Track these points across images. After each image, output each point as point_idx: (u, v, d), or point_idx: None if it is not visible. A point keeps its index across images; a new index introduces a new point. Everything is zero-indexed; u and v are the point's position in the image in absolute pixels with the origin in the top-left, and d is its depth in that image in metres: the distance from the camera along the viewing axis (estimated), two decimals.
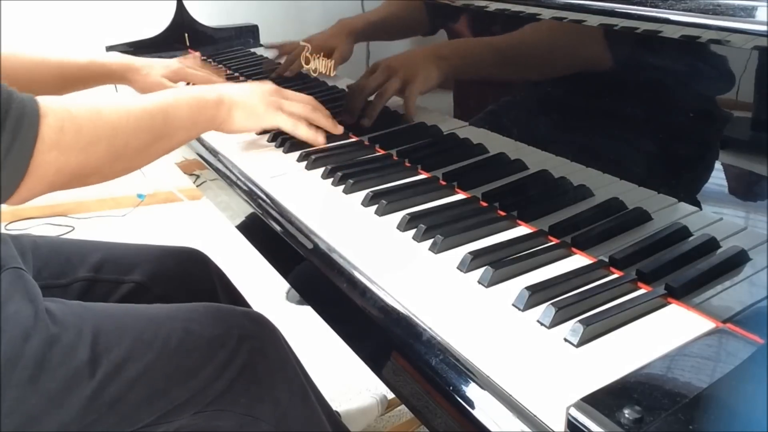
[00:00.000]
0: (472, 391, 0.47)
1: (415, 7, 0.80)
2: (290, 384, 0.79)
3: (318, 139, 0.86)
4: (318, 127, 0.87)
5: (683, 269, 0.54)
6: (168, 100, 0.72)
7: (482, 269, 0.57)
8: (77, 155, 0.59)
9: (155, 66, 1.08)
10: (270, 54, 1.20)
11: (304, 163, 0.85)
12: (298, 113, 0.84)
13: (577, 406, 0.40)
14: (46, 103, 0.57)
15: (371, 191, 0.73)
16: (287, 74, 1.11)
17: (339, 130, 0.89)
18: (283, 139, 0.91)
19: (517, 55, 0.69)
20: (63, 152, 0.58)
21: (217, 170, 0.91)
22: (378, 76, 0.86)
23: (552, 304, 0.50)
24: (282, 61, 1.14)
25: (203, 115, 0.76)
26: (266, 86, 0.86)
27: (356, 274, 0.61)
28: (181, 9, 1.48)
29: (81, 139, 0.59)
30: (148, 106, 0.69)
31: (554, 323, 0.50)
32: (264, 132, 0.95)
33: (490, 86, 0.74)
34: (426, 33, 0.81)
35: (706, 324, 0.49)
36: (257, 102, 0.82)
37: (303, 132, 0.84)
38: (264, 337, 0.78)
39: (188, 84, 1.11)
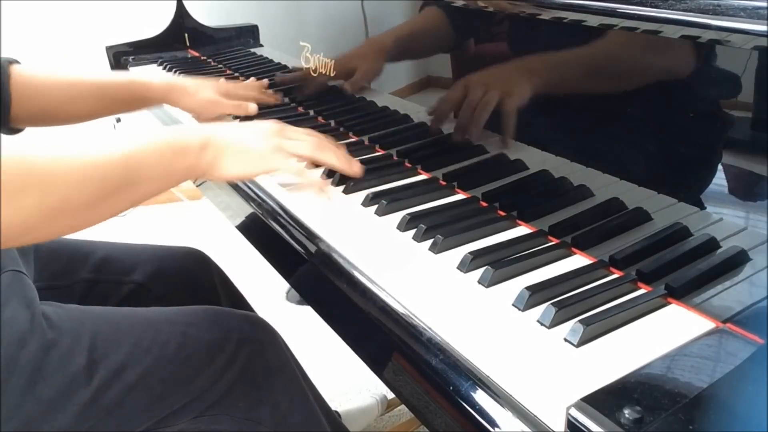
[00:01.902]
0: (472, 391, 0.47)
1: (442, 20, 0.78)
2: (289, 387, 0.79)
3: (325, 190, 0.75)
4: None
5: (683, 269, 0.54)
6: (133, 147, 0.62)
7: (482, 269, 0.57)
8: (3, 209, 0.50)
9: (204, 83, 1.01)
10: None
11: (305, 163, 0.85)
12: (300, 154, 0.71)
13: (577, 406, 0.40)
14: None
15: (371, 191, 0.73)
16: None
17: (356, 171, 0.74)
18: None
19: (522, 58, 0.69)
20: None
21: None
22: (474, 93, 0.74)
23: (552, 304, 0.50)
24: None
25: (180, 162, 0.65)
26: (265, 125, 0.73)
27: (356, 274, 0.61)
28: (181, 9, 1.48)
29: (4, 193, 0.50)
30: (104, 154, 0.59)
31: (554, 323, 0.50)
32: None
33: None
34: (449, 49, 0.79)
35: (706, 324, 0.49)
36: (253, 145, 0.70)
37: (308, 180, 0.74)
38: (263, 340, 0.78)
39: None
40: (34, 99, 0.86)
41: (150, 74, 1.03)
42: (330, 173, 0.80)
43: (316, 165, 0.78)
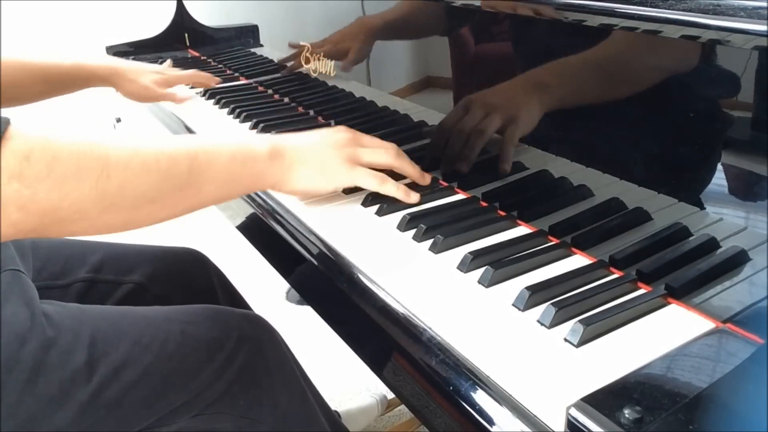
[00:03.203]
0: (472, 391, 0.47)
1: (433, 7, 0.78)
2: (289, 386, 0.79)
3: (411, 198, 0.70)
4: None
5: (683, 269, 0.54)
6: (203, 145, 0.59)
7: (482, 269, 0.57)
8: (49, 191, 0.48)
9: (145, 71, 1.06)
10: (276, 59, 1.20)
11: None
12: (380, 163, 0.69)
13: (577, 406, 0.40)
14: (18, 126, 0.47)
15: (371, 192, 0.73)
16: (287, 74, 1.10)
17: (426, 180, 0.73)
18: None
19: (523, 57, 0.69)
20: (28, 185, 0.47)
21: None
22: (474, 115, 0.72)
23: (552, 304, 0.50)
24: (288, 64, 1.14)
25: (249, 169, 0.62)
26: (339, 134, 0.69)
27: (356, 274, 0.61)
28: (181, 9, 1.48)
29: (55, 171, 0.48)
30: (170, 148, 0.56)
31: (554, 323, 0.50)
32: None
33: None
34: (443, 33, 0.79)
35: (706, 324, 0.49)
36: (328, 157, 0.66)
37: (391, 190, 0.69)
38: (262, 339, 0.78)
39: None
40: None
41: (95, 57, 1.06)
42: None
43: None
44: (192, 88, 1.22)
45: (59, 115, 2.05)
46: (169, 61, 1.25)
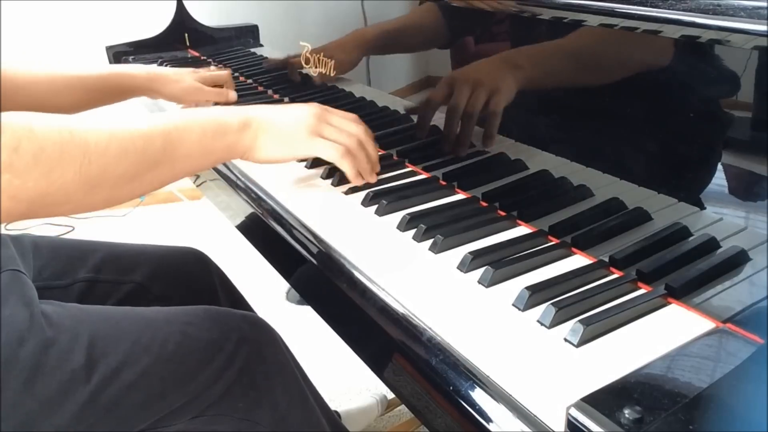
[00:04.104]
0: (472, 391, 0.47)
1: (433, 17, 0.79)
2: (289, 387, 0.79)
3: (357, 179, 0.73)
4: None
5: (683, 269, 0.54)
6: (175, 122, 0.62)
7: (482, 269, 0.57)
8: (37, 180, 0.51)
9: (186, 72, 1.06)
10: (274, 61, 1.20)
11: (305, 162, 0.85)
12: (342, 143, 0.71)
13: (577, 406, 0.40)
14: (4, 119, 0.50)
15: (371, 191, 0.73)
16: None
17: (374, 178, 0.75)
18: None
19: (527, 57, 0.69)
20: (18, 175, 0.50)
21: (217, 170, 0.91)
22: (462, 92, 0.73)
23: (552, 304, 0.50)
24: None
25: (220, 141, 0.65)
26: (308, 109, 0.72)
27: (356, 274, 0.61)
28: (181, 9, 1.48)
29: (42, 161, 0.51)
30: (144, 129, 0.60)
31: (554, 323, 0.50)
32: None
33: None
34: (443, 45, 0.79)
35: (706, 324, 0.49)
36: (293, 127, 0.69)
37: (346, 167, 0.72)
38: (262, 340, 0.78)
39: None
40: (18, 95, 0.88)
41: (132, 66, 1.05)
42: (330, 172, 0.80)
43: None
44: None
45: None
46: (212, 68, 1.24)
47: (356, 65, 0.93)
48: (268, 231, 0.76)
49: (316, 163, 0.83)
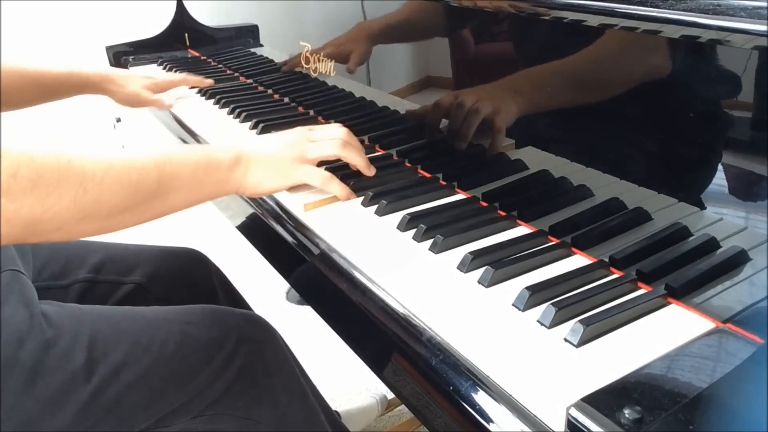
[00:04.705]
0: (472, 391, 0.47)
1: (434, 9, 0.79)
2: (289, 386, 0.79)
3: (349, 198, 0.75)
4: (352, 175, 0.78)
5: (683, 269, 0.54)
6: (170, 156, 0.64)
7: (482, 269, 0.57)
8: (32, 206, 0.51)
9: (134, 77, 1.09)
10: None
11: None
12: (326, 156, 0.74)
13: (577, 406, 0.40)
14: (4, 146, 0.51)
15: (371, 191, 0.73)
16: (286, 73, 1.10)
17: (372, 172, 0.77)
18: None
19: (523, 58, 0.69)
20: (14, 200, 0.50)
21: None
22: (461, 108, 0.75)
23: (552, 304, 0.50)
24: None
25: (212, 176, 0.67)
26: (291, 135, 0.74)
27: (356, 274, 0.61)
28: (181, 9, 1.48)
29: (39, 187, 0.52)
30: (140, 161, 0.61)
31: (554, 323, 0.50)
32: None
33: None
34: (444, 35, 0.79)
35: (706, 324, 0.49)
36: (280, 156, 0.71)
37: (334, 189, 0.74)
38: (262, 339, 0.78)
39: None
40: None
41: (89, 64, 1.08)
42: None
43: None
44: (191, 88, 1.23)
45: (60, 116, 2.05)
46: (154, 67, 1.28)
47: (367, 60, 0.93)
48: (268, 231, 0.76)
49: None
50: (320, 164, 0.75)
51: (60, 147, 0.55)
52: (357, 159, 0.76)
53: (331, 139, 0.75)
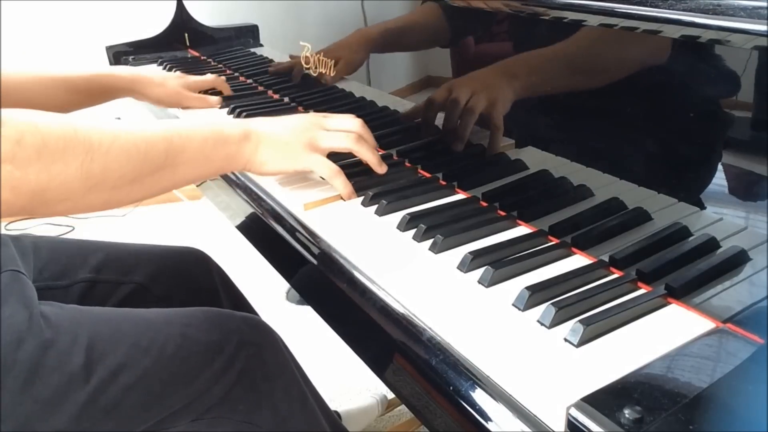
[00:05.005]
0: (472, 391, 0.47)
1: (435, 17, 0.79)
2: (289, 390, 0.78)
3: (351, 197, 0.74)
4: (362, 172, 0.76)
5: (683, 269, 0.54)
6: (177, 129, 0.63)
7: (482, 269, 0.57)
8: (38, 173, 0.51)
9: (170, 76, 1.07)
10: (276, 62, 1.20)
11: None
12: (337, 147, 0.73)
13: (577, 406, 0.40)
14: (7, 113, 0.51)
15: (371, 191, 0.73)
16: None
17: (383, 169, 0.76)
18: None
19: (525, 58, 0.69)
20: (19, 167, 0.50)
21: None
22: (457, 99, 0.74)
23: (552, 304, 0.50)
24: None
25: (221, 150, 0.66)
26: (305, 119, 0.73)
27: (356, 274, 0.61)
28: (181, 9, 1.48)
29: (44, 154, 0.51)
30: (148, 132, 0.60)
31: (554, 323, 0.50)
32: None
33: None
34: (444, 44, 0.79)
35: (706, 324, 0.49)
36: (291, 139, 0.70)
37: (339, 185, 0.72)
38: (262, 342, 0.77)
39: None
40: (6, 97, 0.88)
41: (117, 68, 1.08)
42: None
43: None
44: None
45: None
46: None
47: (362, 65, 0.93)
48: (268, 231, 0.76)
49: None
50: (329, 155, 0.74)
51: (65, 116, 0.55)
52: (369, 155, 0.74)
53: (346, 131, 0.73)
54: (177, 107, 1.09)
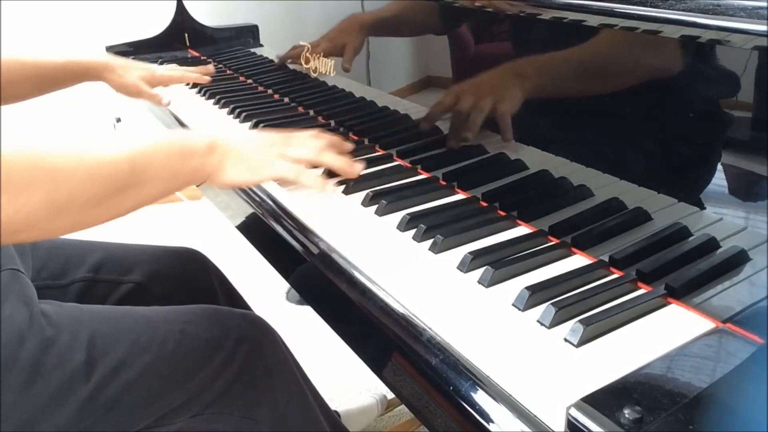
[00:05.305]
0: (472, 391, 0.47)
1: (428, 10, 0.79)
2: (288, 386, 0.79)
3: (325, 188, 0.73)
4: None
5: (683, 269, 0.54)
6: (141, 147, 0.62)
7: (482, 269, 0.57)
8: (4, 207, 0.50)
9: (133, 67, 1.08)
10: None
11: (302, 166, 0.85)
12: (304, 157, 0.72)
13: (577, 406, 0.40)
14: None
15: (371, 191, 0.73)
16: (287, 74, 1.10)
17: (355, 172, 0.75)
18: None
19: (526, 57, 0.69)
20: None
21: None
22: (466, 101, 0.74)
23: (552, 304, 0.50)
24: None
25: (187, 164, 0.65)
26: (271, 135, 0.74)
27: (356, 274, 0.61)
28: (181, 9, 1.48)
29: (8, 188, 0.50)
30: (112, 153, 0.59)
31: (554, 323, 0.50)
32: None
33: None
34: (438, 32, 0.80)
35: (706, 324, 0.49)
36: (256, 150, 0.70)
37: (307, 180, 0.71)
38: (261, 339, 0.78)
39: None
40: None
41: (86, 53, 1.06)
42: (330, 173, 0.80)
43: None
44: (191, 87, 1.22)
45: (60, 115, 2.05)
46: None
47: (361, 48, 0.92)
48: (268, 231, 0.76)
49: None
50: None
51: (28, 140, 0.53)
52: (335, 161, 0.73)
53: (309, 144, 0.73)
54: (134, 98, 1.10)
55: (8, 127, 0.53)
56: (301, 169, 0.71)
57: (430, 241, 0.63)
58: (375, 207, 0.71)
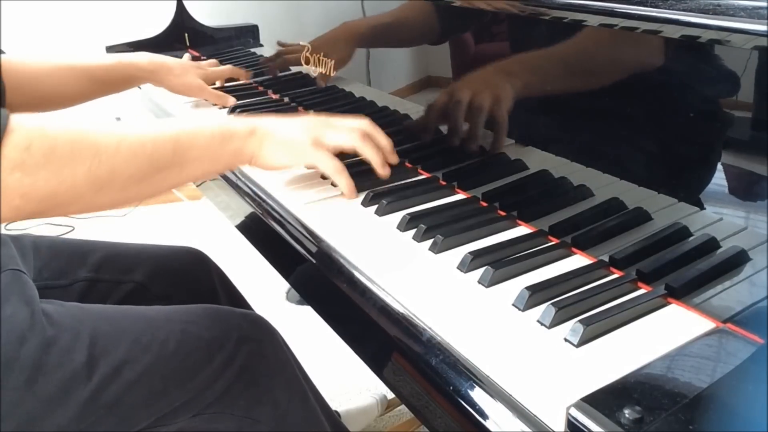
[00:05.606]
0: (472, 391, 0.47)
1: (425, 13, 0.79)
2: (289, 385, 0.79)
3: (354, 195, 0.73)
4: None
5: (683, 269, 0.54)
6: (185, 128, 0.64)
7: (482, 269, 0.57)
8: (47, 179, 0.52)
9: (191, 66, 1.08)
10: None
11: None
12: (342, 144, 0.72)
13: (577, 406, 0.40)
14: (17, 119, 0.51)
15: (371, 191, 0.73)
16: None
17: (385, 172, 0.74)
18: None
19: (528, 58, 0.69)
20: (28, 174, 0.51)
21: None
22: (461, 101, 0.74)
23: (552, 304, 0.50)
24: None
25: (228, 147, 0.67)
26: (311, 118, 0.74)
27: (356, 274, 0.61)
28: (181, 9, 1.48)
29: (53, 160, 0.52)
30: (154, 132, 0.61)
31: (554, 323, 0.50)
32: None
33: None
34: (434, 41, 0.79)
35: (706, 324, 0.49)
36: (296, 135, 0.71)
37: (341, 183, 0.72)
38: (263, 338, 0.78)
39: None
40: (27, 86, 0.89)
41: (136, 55, 1.07)
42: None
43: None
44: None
45: (60, 114, 2.05)
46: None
47: (350, 59, 0.92)
48: (268, 231, 0.76)
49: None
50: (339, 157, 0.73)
51: (73, 119, 0.56)
52: (372, 154, 0.72)
53: (351, 129, 0.73)
54: (194, 97, 1.11)
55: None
56: (340, 168, 0.72)
57: (430, 241, 0.63)
58: (375, 207, 0.71)
